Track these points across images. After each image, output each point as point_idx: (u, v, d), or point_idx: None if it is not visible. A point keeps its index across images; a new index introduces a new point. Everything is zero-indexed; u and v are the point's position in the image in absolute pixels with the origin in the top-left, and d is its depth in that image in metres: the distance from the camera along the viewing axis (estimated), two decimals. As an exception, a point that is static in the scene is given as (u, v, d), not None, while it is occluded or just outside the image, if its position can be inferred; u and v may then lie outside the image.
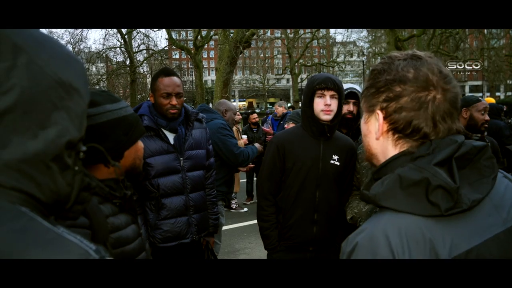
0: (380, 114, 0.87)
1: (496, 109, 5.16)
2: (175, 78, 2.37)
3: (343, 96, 2.32)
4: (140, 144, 1.54)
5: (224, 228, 3.92)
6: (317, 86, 2.24)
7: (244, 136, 6.33)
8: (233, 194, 6.91)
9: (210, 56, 55.74)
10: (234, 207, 7.04)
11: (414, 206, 0.76)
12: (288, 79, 51.12)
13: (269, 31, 40.27)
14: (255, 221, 2.55)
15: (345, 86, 2.78)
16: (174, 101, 2.32)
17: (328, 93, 2.23)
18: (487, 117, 3.05)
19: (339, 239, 2.31)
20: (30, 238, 0.50)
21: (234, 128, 6.12)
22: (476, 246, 0.76)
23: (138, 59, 27.32)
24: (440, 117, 0.82)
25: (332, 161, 2.30)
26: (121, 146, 1.40)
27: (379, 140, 0.89)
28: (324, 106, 2.22)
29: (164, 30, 23.65)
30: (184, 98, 2.58)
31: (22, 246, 0.49)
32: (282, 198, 2.35)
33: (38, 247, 0.50)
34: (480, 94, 33.75)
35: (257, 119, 8.12)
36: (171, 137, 2.40)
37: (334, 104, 2.24)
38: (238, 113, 6.87)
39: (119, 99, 1.50)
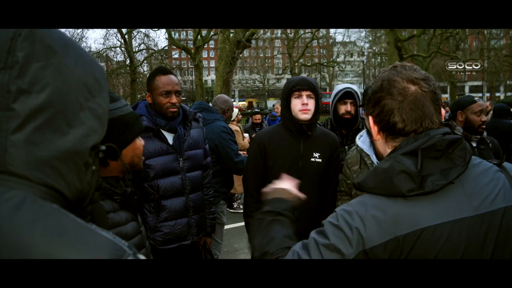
0: (370, 118, 1.05)
1: (505, 109, 5.13)
2: (173, 77, 2.35)
3: (320, 96, 2.39)
4: (139, 142, 1.55)
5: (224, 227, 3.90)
6: (293, 88, 2.30)
7: (246, 135, 6.33)
8: (237, 195, 6.95)
9: (210, 56, 55.67)
10: (235, 205, 7.06)
11: (381, 188, 0.92)
12: (288, 79, 51.04)
13: (269, 31, 40.23)
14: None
15: (342, 86, 2.75)
16: (174, 99, 2.29)
17: (304, 93, 2.29)
18: (483, 118, 2.98)
19: None
20: (68, 234, 0.50)
21: (237, 127, 6.11)
22: (439, 224, 0.87)
23: (138, 58, 27.35)
24: (413, 114, 0.97)
25: (313, 159, 2.34)
26: (117, 145, 1.42)
27: (378, 140, 1.06)
28: (302, 105, 2.28)
29: (164, 29, 23.67)
30: (184, 98, 2.57)
31: (60, 243, 0.49)
32: None
33: (76, 244, 0.50)
34: (480, 94, 33.80)
35: (259, 120, 8.49)
36: (169, 137, 2.35)
37: (311, 103, 2.30)
38: (239, 113, 6.92)
39: (116, 98, 1.51)
